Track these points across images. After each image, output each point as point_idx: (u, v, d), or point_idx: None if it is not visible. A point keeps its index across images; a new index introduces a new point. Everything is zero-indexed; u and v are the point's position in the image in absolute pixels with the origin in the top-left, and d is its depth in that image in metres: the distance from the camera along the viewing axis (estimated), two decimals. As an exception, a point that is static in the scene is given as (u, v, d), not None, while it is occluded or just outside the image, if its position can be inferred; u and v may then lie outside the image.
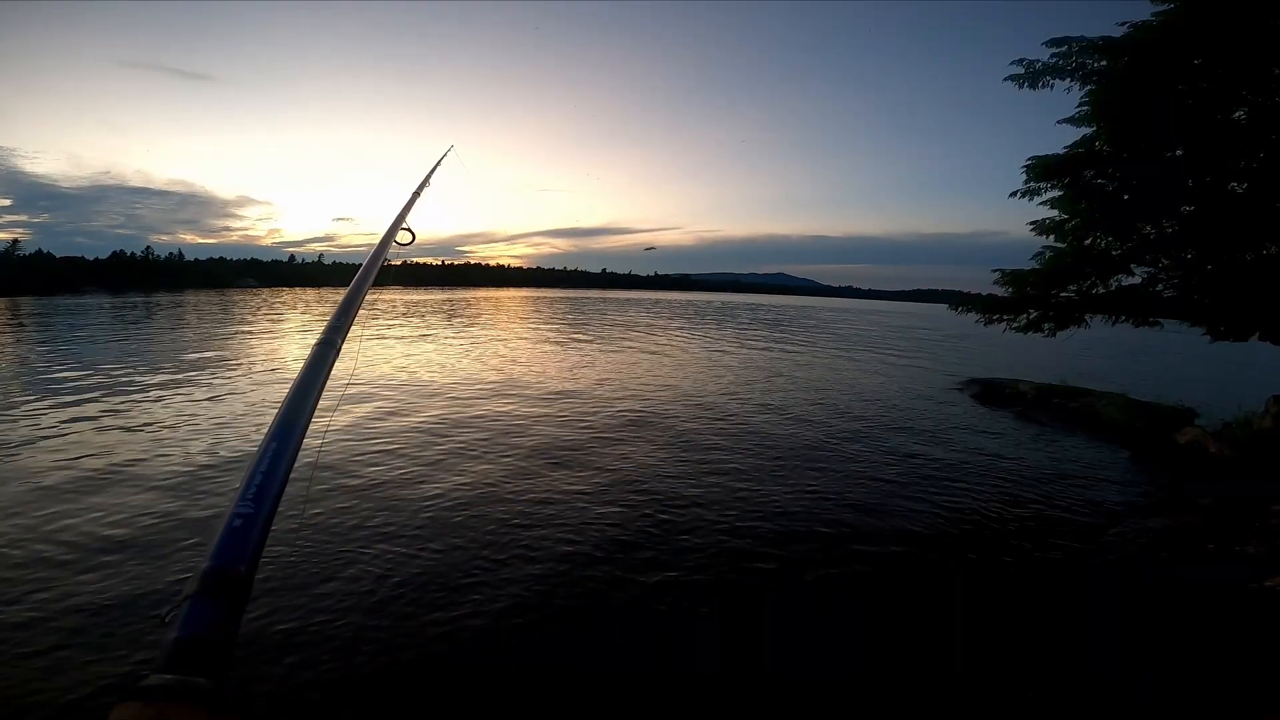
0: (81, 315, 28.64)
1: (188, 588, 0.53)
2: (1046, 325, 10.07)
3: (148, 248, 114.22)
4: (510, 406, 9.56)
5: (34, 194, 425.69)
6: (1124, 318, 9.51)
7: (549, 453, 7.12)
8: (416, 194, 1.58)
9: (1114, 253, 9.31)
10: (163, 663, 0.47)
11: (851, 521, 5.40)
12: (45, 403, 8.97)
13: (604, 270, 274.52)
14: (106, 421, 7.98)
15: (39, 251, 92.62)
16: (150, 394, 9.84)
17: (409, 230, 1.37)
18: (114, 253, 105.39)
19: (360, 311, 1.02)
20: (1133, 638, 3.80)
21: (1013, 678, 3.36)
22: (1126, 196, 8.80)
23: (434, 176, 1.75)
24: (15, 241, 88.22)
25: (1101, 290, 9.63)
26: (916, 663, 3.50)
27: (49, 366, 12.46)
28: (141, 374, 11.68)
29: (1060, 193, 9.43)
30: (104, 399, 9.35)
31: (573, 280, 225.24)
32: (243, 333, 21.36)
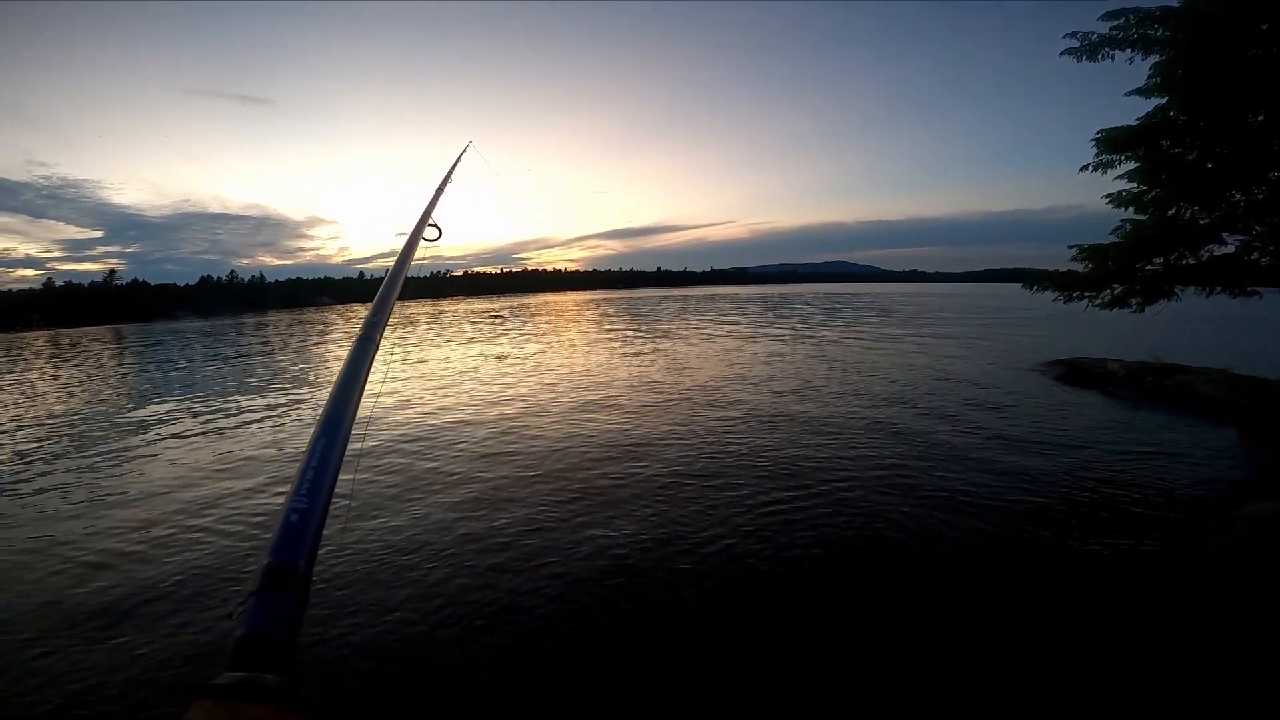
0: (187, 337, 31.04)
1: (251, 585, 0.53)
2: (1134, 300, 9.52)
3: (232, 271, 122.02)
4: (561, 401, 9.74)
5: (123, 224, 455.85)
6: (1219, 288, 8.88)
7: (612, 443, 7.21)
8: (440, 191, 1.64)
9: (1201, 222, 8.75)
10: (231, 660, 0.48)
11: (945, 503, 5.30)
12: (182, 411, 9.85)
13: (659, 269, 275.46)
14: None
15: (134, 280, 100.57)
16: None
17: (435, 226, 1.41)
18: (201, 278, 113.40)
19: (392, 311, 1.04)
20: (1241, 626, 3.56)
21: (1116, 664, 3.30)
22: (1210, 165, 8.27)
23: (456, 174, 1.81)
24: (112, 272, 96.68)
25: (1191, 261, 9.03)
26: (1011, 646, 3.46)
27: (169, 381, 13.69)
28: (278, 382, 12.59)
29: (1136, 164, 8.95)
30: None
31: (628, 280, 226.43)
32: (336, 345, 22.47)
